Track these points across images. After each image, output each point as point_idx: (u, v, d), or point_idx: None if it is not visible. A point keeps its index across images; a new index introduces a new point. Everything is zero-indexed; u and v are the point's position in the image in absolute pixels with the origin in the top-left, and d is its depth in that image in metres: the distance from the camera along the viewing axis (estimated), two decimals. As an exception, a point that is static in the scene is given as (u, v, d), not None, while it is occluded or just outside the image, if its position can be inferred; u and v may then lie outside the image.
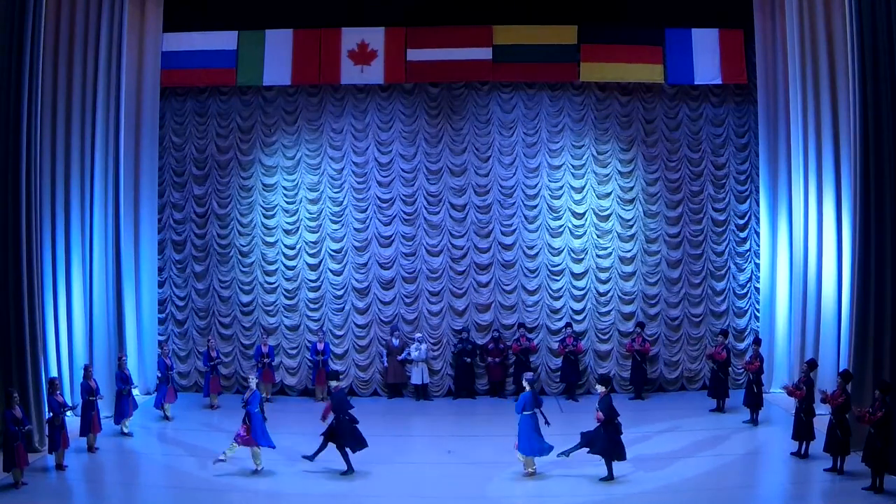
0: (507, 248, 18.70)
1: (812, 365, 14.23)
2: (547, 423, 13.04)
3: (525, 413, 12.84)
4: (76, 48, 15.90)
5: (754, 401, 15.63)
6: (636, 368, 17.89)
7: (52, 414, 13.24)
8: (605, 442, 12.61)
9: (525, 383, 13.18)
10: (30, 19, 13.93)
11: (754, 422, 15.63)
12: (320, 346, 17.96)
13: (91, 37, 16.04)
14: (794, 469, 13.31)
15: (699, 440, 14.70)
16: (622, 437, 12.72)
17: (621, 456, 12.69)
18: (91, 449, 14.14)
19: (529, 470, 12.86)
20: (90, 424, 14.06)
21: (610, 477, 12.59)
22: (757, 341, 16.54)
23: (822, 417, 13.41)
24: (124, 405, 15.12)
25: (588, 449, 12.76)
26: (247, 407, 13.07)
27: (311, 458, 13.19)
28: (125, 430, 15.16)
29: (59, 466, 13.23)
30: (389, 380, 18.39)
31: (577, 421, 13.02)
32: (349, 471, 12.99)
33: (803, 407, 13.52)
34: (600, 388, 13.11)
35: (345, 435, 13.07)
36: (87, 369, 14.51)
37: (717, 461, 13.64)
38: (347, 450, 13.04)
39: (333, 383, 13.56)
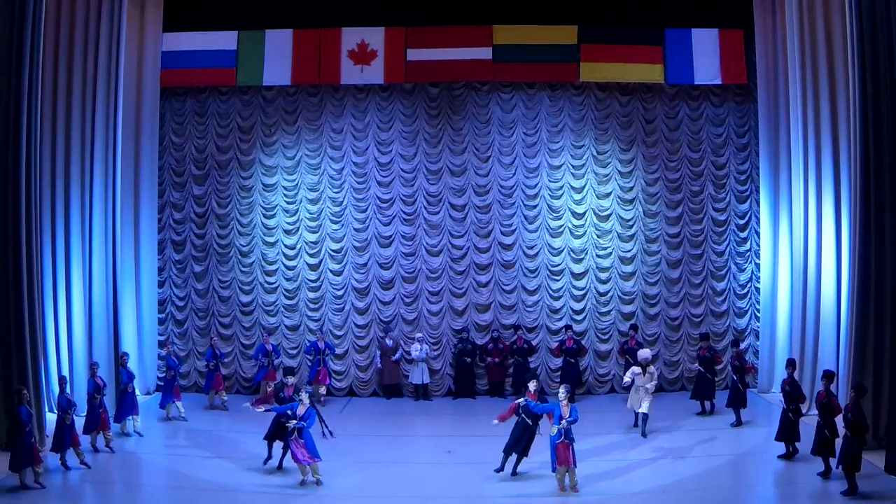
0: (506, 248, 18.70)
1: (793, 364, 14.14)
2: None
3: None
4: (76, 48, 15.89)
5: (739, 402, 15.63)
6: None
7: (60, 412, 13.19)
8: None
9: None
10: (30, 19, 13.90)
11: (739, 423, 15.59)
12: (321, 346, 17.95)
13: (91, 37, 16.02)
14: (782, 471, 13.27)
15: (689, 442, 14.66)
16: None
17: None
18: (94, 448, 14.07)
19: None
20: (97, 422, 14.01)
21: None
22: (734, 342, 16.71)
23: (811, 418, 13.42)
24: (127, 403, 15.09)
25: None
26: (299, 422, 12.51)
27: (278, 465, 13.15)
28: (125, 431, 15.08)
29: (64, 465, 13.16)
30: (385, 381, 18.36)
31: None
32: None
33: (791, 408, 13.49)
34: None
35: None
36: (94, 367, 14.45)
37: (707, 463, 13.59)
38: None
39: (291, 379, 13.36)
